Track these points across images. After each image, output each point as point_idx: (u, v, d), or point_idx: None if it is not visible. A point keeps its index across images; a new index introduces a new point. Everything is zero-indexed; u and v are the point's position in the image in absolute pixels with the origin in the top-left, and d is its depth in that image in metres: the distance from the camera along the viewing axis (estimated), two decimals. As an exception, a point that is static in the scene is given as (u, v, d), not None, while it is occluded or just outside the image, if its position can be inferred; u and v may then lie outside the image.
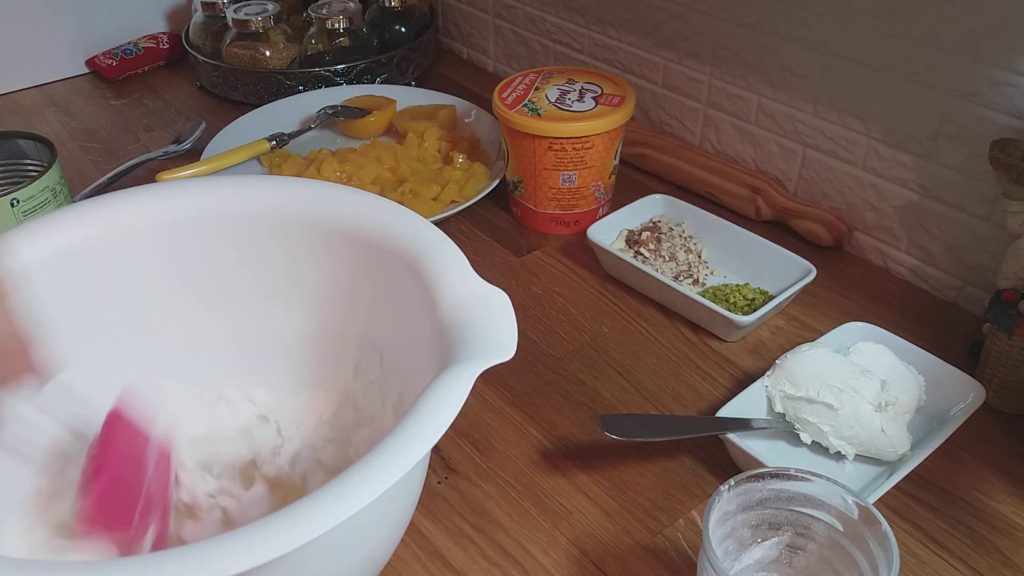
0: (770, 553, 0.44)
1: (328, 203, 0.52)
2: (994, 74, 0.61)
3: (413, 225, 0.50)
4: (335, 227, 0.51)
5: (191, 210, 0.53)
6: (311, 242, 0.52)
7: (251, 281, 0.54)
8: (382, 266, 0.50)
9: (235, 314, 0.55)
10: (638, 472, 0.56)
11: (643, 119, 0.91)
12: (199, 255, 0.53)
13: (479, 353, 0.41)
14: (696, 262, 0.71)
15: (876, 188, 0.72)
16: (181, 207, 0.53)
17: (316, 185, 0.54)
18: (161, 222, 0.52)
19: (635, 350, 0.66)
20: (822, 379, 0.55)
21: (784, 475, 0.42)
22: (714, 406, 0.60)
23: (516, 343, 0.42)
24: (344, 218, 0.51)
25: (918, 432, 0.55)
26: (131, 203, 0.52)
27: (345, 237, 0.51)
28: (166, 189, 0.54)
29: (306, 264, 0.53)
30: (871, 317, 0.63)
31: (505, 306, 0.44)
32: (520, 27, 1.01)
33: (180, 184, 0.55)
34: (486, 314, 0.44)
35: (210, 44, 1.02)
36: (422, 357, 0.45)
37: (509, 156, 0.78)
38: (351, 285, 0.53)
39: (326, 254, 0.52)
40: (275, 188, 0.53)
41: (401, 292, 0.48)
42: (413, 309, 0.47)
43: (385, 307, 0.51)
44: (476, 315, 0.44)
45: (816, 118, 0.74)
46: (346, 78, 0.98)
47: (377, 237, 0.50)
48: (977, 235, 0.67)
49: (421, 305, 0.46)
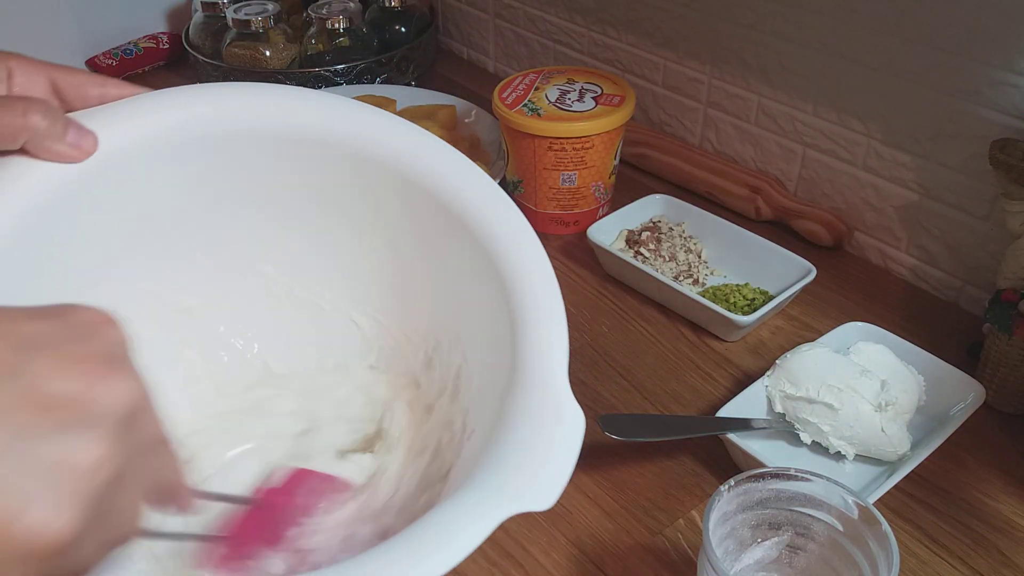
0: (770, 553, 0.44)
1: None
2: (994, 74, 0.61)
3: (538, 271, 0.43)
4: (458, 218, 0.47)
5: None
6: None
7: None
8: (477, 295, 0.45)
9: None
10: (638, 472, 0.56)
11: (643, 119, 0.91)
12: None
13: (512, 488, 0.34)
14: (696, 262, 0.71)
15: (876, 188, 0.72)
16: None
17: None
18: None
19: (635, 350, 0.66)
20: (822, 379, 0.55)
21: (784, 475, 0.42)
22: (714, 406, 0.60)
23: (561, 492, 0.34)
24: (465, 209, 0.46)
25: (918, 432, 0.55)
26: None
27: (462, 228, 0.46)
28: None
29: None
30: (871, 317, 0.63)
31: (573, 439, 0.36)
32: (520, 27, 1.01)
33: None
34: (547, 436, 0.36)
35: (210, 44, 1.02)
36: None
37: (509, 156, 0.78)
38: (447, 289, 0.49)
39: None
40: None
41: (484, 326, 0.44)
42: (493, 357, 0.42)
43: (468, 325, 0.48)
44: (535, 429, 0.36)
45: (816, 118, 0.74)
46: (346, 78, 0.98)
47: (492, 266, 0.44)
48: (977, 235, 0.67)
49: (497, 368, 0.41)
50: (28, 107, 0.40)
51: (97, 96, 0.45)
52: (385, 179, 0.48)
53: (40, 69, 0.43)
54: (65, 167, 0.43)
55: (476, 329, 0.47)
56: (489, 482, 0.34)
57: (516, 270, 0.43)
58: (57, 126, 0.42)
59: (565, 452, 0.35)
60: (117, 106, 0.45)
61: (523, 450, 0.35)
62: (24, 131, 0.40)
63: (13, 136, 0.40)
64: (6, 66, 0.42)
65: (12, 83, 0.43)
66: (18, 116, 0.40)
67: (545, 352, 0.39)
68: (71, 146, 0.42)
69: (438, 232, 0.48)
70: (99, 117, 0.44)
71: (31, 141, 0.41)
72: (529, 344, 0.40)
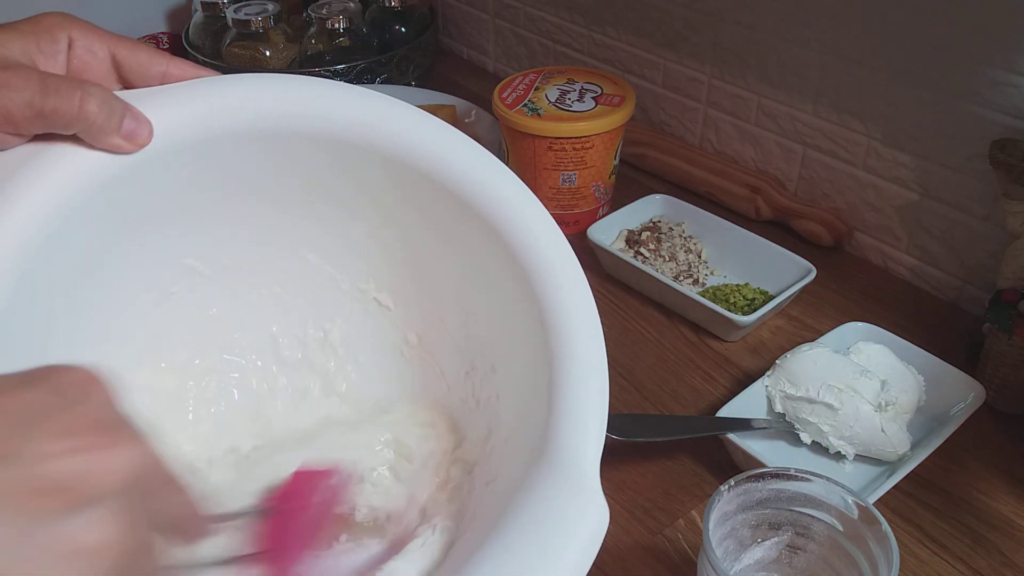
0: (770, 553, 0.44)
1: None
2: (994, 74, 0.61)
3: (585, 323, 0.40)
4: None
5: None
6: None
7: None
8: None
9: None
10: (638, 472, 0.56)
11: (643, 119, 0.91)
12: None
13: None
14: (696, 262, 0.71)
15: (876, 188, 0.72)
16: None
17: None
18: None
19: (635, 350, 0.66)
20: (822, 379, 0.55)
21: (784, 475, 0.42)
22: (714, 406, 0.60)
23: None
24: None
25: (918, 432, 0.55)
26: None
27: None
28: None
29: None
30: (871, 317, 0.63)
31: (590, 544, 0.33)
32: (520, 27, 1.01)
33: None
34: (559, 530, 0.33)
35: (210, 44, 1.02)
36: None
37: (509, 156, 0.78)
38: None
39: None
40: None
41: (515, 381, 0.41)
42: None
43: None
44: (547, 520, 0.33)
45: (816, 118, 0.74)
46: (346, 78, 0.98)
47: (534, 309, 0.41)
48: (977, 235, 0.67)
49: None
50: (85, 95, 0.38)
51: (159, 76, 0.42)
52: (440, 198, 0.46)
53: (103, 40, 0.41)
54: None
55: (512, 370, 0.44)
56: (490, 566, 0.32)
57: (563, 321, 0.40)
58: (114, 118, 0.39)
59: (581, 560, 0.32)
60: (177, 89, 0.43)
61: (534, 546, 0.32)
62: (79, 122, 0.38)
63: (66, 125, 0.38)
64: (67, 35, 0.40)
65: (72, 54, 0.40)
66: (74, 104, 0.38)
67: (580, 429, 0.36)
68: (126, 137, 0.40)
69: (486, 258, 0.45)
70: (157, 100, 0.42)
71: (85, 131, 0.39)
72: (566, 415, 0.37)
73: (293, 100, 0.44)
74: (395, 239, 0.49)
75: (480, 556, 0.33)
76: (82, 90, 0.38)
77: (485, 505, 0.40)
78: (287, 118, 0.44)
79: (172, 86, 0.43)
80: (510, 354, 0.44)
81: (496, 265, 0.44)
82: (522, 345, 0.42)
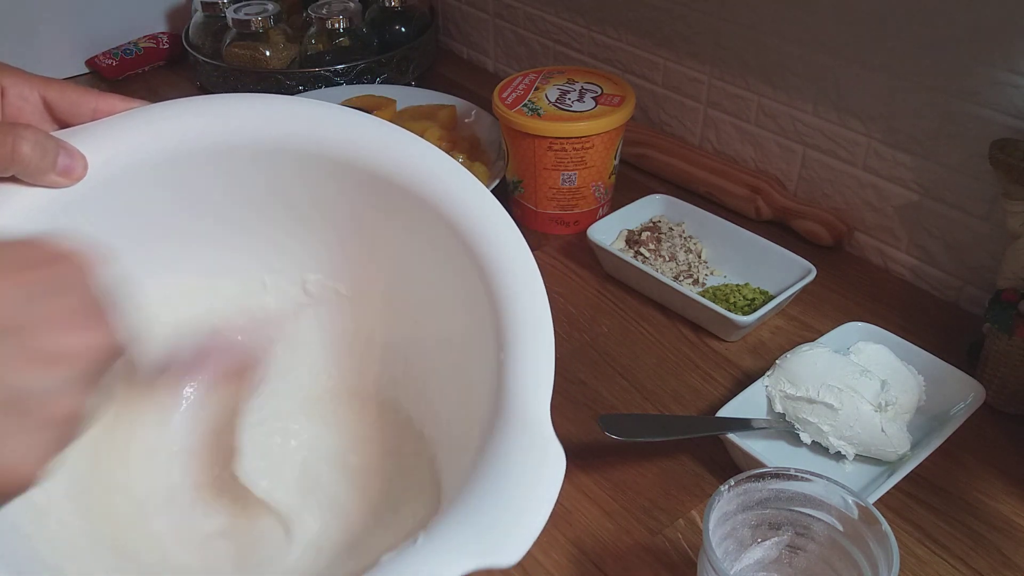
0: (770, 553, 0.44)
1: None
2: (994, 74, 0.61)
3: (527, 289, 0.41)
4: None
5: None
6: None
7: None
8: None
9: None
10: (638, 472, 0.56)
11: (643, 119, 0.91)
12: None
13: (472, 542, 0.33)
14: (696, 262, 0.71)
15: (876, 188, 0.72)
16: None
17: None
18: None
19: (635, 350, 0.66)
20: (822, 379, 0.55)
21: (784, 475, 0.42)
22: (714, 406, 0.60)
23: (529, 546, 0.33)
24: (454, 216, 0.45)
25: (918, 432, 0.55)
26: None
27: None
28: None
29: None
30: (871, 317, 0.63)
31: (552, 481, 0.35)
32: (520, 27, 1.01)
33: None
34: (518, 477, 0.35)
35: (210, 44, 1.02)
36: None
37: (509, 156, 0.78)
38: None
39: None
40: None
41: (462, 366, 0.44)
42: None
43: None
44: (506, 469, 0.35)
45: (816, 118, 0.74)
46: (346, 78, 0.98)
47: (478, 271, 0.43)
48: (977, 235, 0.67)
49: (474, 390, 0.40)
50: (17, 138, 0.40)
51: (90, 112, 0.45)
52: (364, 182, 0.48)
53: (33, 85, 0.44)
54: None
55: (456, 341, 0.46)
56: (463, 529, 0.33)
57: (508, 289, 0.42)
58: (47, 157, 0.42)
59: (543, 500, 0.34)
60: (109, 122, 0.45)
61: (491, 494, 0.34)
62: (14, 164, 0.41)
63: (3, 167, 0.41)
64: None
65: (5, 101, 0.43)
66: (7, 148, 0.40)
67: (531, 388, 0.38)
68: (61, 173, 0.43)
69: (434, 246, 0.47)
70: (90, 135, 0.44)
71: (22, 172, 0.41)
72: (516, 379, 0.38)
73: (222, 119, 0.47)
74: (346, 224, 0.51)
75: (455, 512, 0.34)
76: (14, 134, 0.41)
77: (454, 472, 0.42)
78: (222, 135, 0.47)
79: (104, 120, 0.45)
80: (457, 324, 0.46)
81: (440, 240, 0.46)
82: (468, 312, 0.44)
